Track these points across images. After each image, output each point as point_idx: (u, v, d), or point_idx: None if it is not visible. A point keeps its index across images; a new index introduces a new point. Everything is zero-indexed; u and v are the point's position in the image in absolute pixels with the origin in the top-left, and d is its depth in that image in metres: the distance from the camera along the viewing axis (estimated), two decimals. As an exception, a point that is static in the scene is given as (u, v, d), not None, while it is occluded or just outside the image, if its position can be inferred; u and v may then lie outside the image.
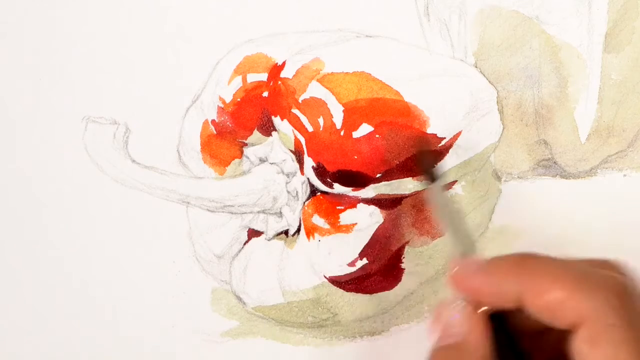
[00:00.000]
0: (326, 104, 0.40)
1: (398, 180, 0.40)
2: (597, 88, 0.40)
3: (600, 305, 0.28)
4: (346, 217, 0.41)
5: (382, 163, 0.40)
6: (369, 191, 0.40)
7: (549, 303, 0.29)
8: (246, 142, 0.42)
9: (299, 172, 0.41)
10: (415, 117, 0.40)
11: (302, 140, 0.40)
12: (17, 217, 0.44)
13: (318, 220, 0.41)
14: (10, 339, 0.44)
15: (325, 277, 0.41)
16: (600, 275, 0.29)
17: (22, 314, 0.44)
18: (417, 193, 0.41)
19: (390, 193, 0.41)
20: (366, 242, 0.41)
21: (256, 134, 0.42)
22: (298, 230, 0.42)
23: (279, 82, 0.41)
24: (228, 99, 0.42)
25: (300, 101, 0.40)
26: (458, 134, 0.40)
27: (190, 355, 0.43)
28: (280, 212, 0.42)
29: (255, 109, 0.42)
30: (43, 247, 0.43)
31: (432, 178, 0.38)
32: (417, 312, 0.42)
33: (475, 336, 0.31)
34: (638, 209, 0.41)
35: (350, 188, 0.40)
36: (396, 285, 0.42)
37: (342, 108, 0.40)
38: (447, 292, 0.42)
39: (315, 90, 0.40)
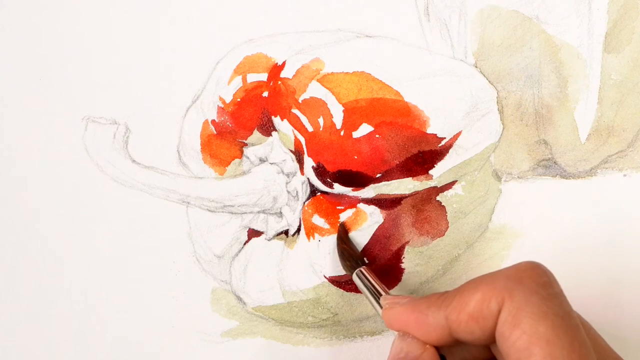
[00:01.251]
0: (326, 104, 0.40)
1: (398, 180, 0.40)
2: (597, 88, 0.40)
3: (515, 285, 0.29)
4: (346, 217, 0.41)
5: (382, 163, 0.40)
6: (369, 191, 0.40)
7: (472, 311, 0.30)
8: (246, 142, 0.42)
9: (299, 172, 0.41)
10: (415, 117, 0.40)
11: (302, 140, 0.40)
12: (16, 217, 0.44)
13: (318, 220, 0.41)
14: (10, 339, 0.44)
15: (325, 277, 0.41)
16: (512, 267, 0.30)
17: (21, 314, 0.44)
18: (417, 193, 0.41)
19: (390, 193, 0.41)
20: (366, 242, 0.41)
21: (256, 134, 0.42)
22: (298, 230, 0.42)
23: (279, 82, 0.41)
24: (228, 99, 0.42)
25: (300, 101, 0.40)
26: (458, 134, 0.40)
27: (190, 355, 0.43)
28: (280, 212, 0.42)
29: (255, 109, 0.42)
30: (43, 247, 0.43)
31: (353, 265, 0.39)
32: (417, 312, 0.42)
33: (429, 354, 0.32)
34: (638, 209, 0.41)
35: (350, 188, 0.40)
36: (396, 285, 0.42)
37: (342, 108, 0.40)
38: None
39: (315, 90, 0.40)
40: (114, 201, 0.43)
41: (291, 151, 0.41)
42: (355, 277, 0.38)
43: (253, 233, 0.43)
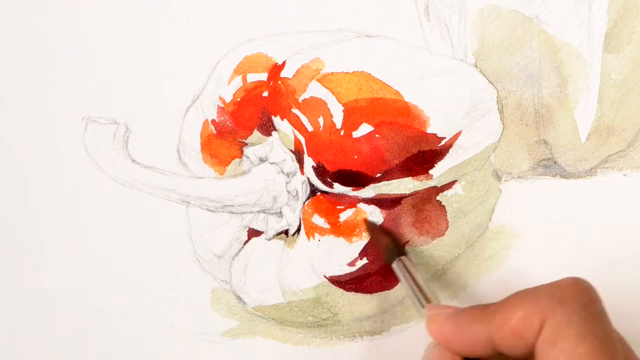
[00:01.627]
0: (326, 103, 0.40)
1: (398, 180, 0.40)
2: (597, 88, 0.40)
3: (558, 305, 0.29)
4: (346, 216, 0.41)
5: (382, 163, 0.40)
6: (369, 191, 0.40)
7: (515, 328, 0.30)
8: (246, 141, 0.42)
9: (299, 171, 0.41)
10: (415, 117, 0.40)
11: (302, 140, 0.40)
12: (16, 217, 0.44)
13: (318, 220, 0.41)
14: (10, 339, 0.44)
15: (325, 276, 0.41)
16: (554, 284, 0.31)
17: (20, 314, 0.44)
18: (417, 193, 0.41)
19: (390, 193, 0.41)
20: (366, 242, 0.41)
21: (256, 134, 0.42)
22: (298, 230, 0.42)
23: (279, 82, 0.41)
24: (228, 98, 0.42)
25: (300, 101, 0.40)
26: (458, 134, 0.40)
27: (190, 355, 0.43)
28: (280, 212, 0.42)
29: (255, 109, 0.42)
30: (42, 247, 0.43)
31: (394, 254, 0.39)
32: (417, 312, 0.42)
33: None
34: (638, 209, 0.41)
35: (350, 188, 0.40)
36: (396, 285, 0.42)
37: (342, 108, 0.40)
38: (447, 292, 0.42)
39: (315, 90, 0.40)
40: (114, 201, 0.43)
41: (291, 151, 0.41)
42: (395, 267, 0.39)
43: (253, 233, 0.43)
